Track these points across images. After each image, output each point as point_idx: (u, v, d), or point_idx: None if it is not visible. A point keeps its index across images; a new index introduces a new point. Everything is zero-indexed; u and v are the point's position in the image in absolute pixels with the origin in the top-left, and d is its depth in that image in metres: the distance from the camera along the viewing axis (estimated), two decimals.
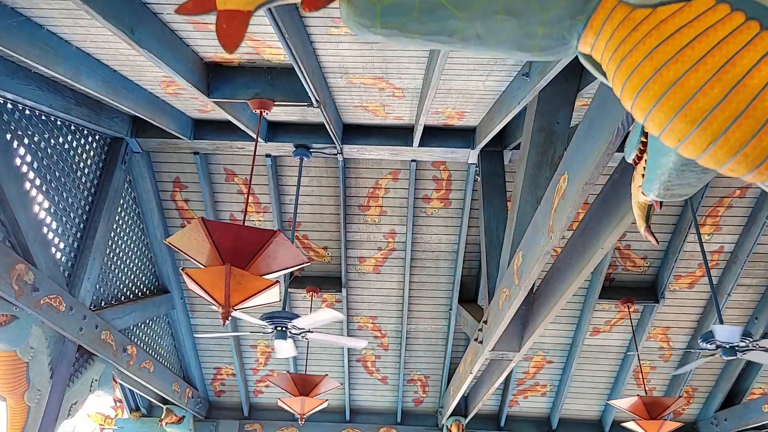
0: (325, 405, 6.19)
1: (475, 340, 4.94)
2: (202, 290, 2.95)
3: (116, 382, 5.62)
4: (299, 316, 4.78)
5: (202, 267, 3.00)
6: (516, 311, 3.87)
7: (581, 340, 7.16)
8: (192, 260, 3.12)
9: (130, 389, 7.76)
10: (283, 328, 4.87)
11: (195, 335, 7.52)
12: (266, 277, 3.07)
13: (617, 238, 2.69)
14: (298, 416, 6.07)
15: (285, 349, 5.33)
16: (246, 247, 3.00)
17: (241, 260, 2.98)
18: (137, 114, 4.65)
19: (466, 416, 7.51)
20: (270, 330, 5.11)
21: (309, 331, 5.02)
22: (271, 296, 3.13)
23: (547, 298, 3.84)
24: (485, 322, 4.52)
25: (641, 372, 6.50)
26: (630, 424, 5.69)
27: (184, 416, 7.47)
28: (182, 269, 2.90)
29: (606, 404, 7.95)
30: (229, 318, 2.98)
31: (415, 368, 7.88)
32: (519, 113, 5.03)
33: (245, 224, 3.30)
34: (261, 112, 4.20)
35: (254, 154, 4.18)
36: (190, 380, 7.77)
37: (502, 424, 8.16)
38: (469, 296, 6.97)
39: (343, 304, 7.01)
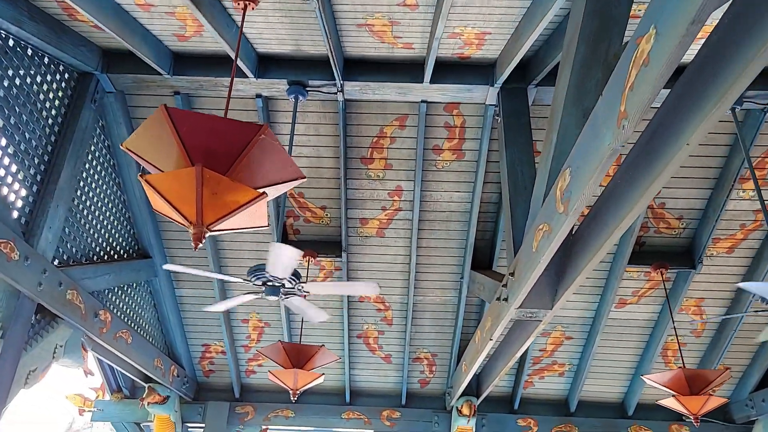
0: (321, 380, 5.52)
1: (498, 299, 4.26)
2: (166, 204, 2.26)
3: (86, 351, 4.94)
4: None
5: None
6: (554, 255, 3.20)
7: (605, 314, 6.49)
8: (154, 170, 2.43)
9: (110, 366, 7.09)
10: (275, 283, 4.18)
11: (180, 308, 6.86)
12: None
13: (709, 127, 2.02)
14: (291, 391, 5.39)
15: (304, 308, 4.71)
16: (223, 146, 2.28)
17: (216, 164, 2.27)
18: (104, 26, 3.95)
19: (478, 396, 6.85)
20: (258, 291, 4.44)
21: (304, 283, 4.34)
22: (258, 217, 2.41)
23: (591, 237, 3.16)
24: (512, 274, 3.84)
25: (678, 343, 5.82)
26: (668, 401, 5.03)
27: (168, 396, 6.81)
28: (140, 175, 2.21)
29: (630, 385, 7.29)
30: (203, 241, 2.30)
31: (421, 345, 7.22)
32: (547, 38, 4.36)
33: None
34: (245, 6, 3.49)
35: (234, 63, 3.48)
36: (176, 358, 7.10)
37: (516, 406, 7.50)
38: (483, 263, 6.30)
39: (343, 272, 6.34)
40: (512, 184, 4.32)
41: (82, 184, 4.92)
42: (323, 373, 5.61)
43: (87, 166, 4.99)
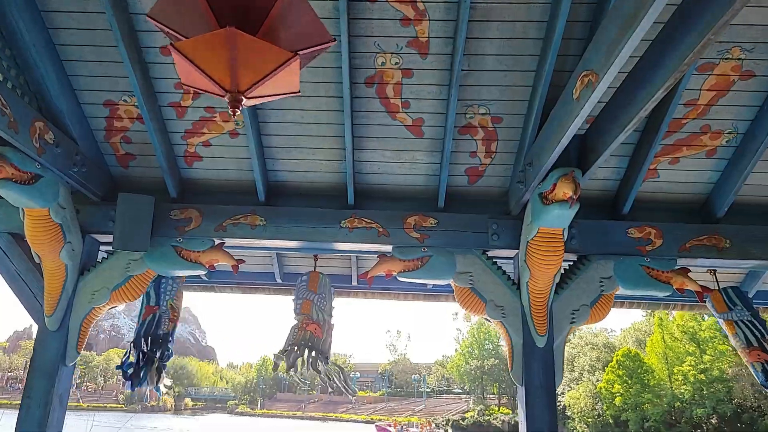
0: (295, 67, 2.48)
1: None
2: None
3: None
4: None
5: None
6: None
7: None
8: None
9: None
10: None
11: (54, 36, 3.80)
12: None
13: None
14: (228, 102, 2.36)
15: None
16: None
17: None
18: None
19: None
20: None
21: None
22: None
23: None
24: None
25: None
26: None
27: (39, 176, 3.91)
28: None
29: None
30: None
31: (477, 98, 4.19)
32: None
33: None
34: None
35: None
36: (55, 119, 4.16)
37: (626, 210, 4.61)
38: None
39: None
40: None
41: None
42: (296, 53, 2.55)
43: None
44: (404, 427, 46.80)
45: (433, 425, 46.78)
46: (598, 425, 49.27)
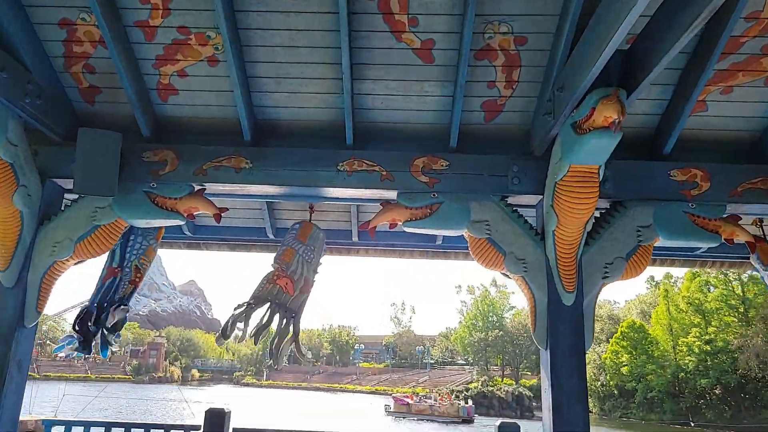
0: None
1: None
2: None
3: None
4: None
5: None
6: None
7: None
8: None
9: None
10: None
11: None
12: None
13: None
14: None
15: None
16: None
17: None
18: None
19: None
20: None
21: None
22: None
23: None
24: None
25: None
26: None
27: None
28: None
29: None
30: None
31: (497, 11, 3.53)
32: None
33: None
34: None
35: None
36: (9, 48, 3.54)
37: (668, 150, 3.99)
38: None
39: None
40: None
41: None
42: None
43: None
44: (422, 398, 46.77)
45: (452, 396, 46.69)
46: (601, 395, 49.40)
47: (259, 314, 3.87)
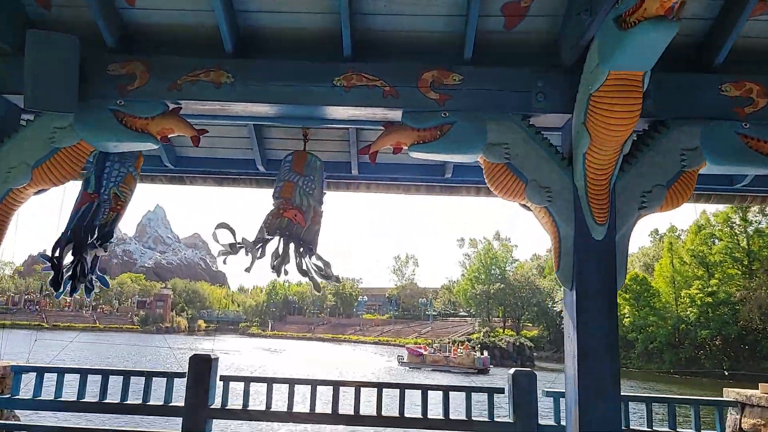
0: None
1: None
2: None
3: None
4: None
5: None
6: None
7: None
8: None
9: None
10: None
11: None
12: None
13: None
14: None
15: None
16: None
17: None
18: None
19: None
20: None
21: None
22: None
23: None
24: None
25: None
26: None
27: None
28: None
29: None
30: None
31: None
32: None
33: None
34: None
35: None
36: None
37: (719, 60, 3.40)
38: None
39: None
40: None
41: None
42: None
43: None
44: (436, 349, 47.14)
45: (470, 347, 46.89)
46: None
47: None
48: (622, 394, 3.15)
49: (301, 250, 3.46)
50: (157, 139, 3.44)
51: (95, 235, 3.57)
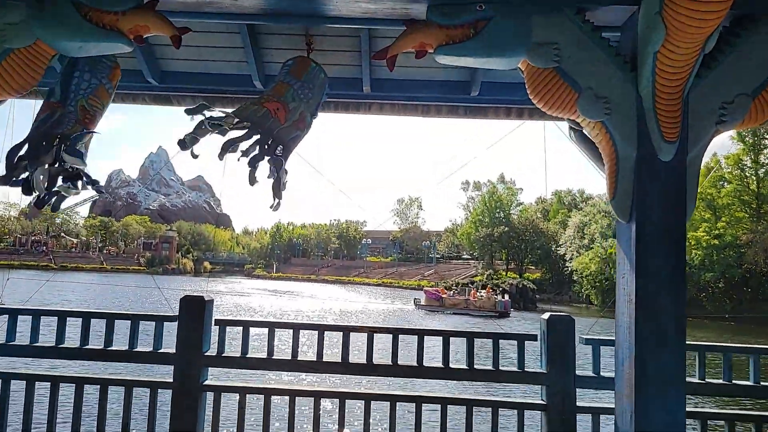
0: None
1: None
2: None
3: None
4: None
5: None
6: None
7: None
8: None
9: None
10: None
11: None
12: None
13: None
14: None
15: None
16: None
17: None
18: None
19: None
20: None
21: None
22: None
23: None
24: None
25: None
26: None
27: None
28: None
29: None
30: None
31: None
32: None
33: None
34: None
35: None
36: None
37: None
38: None
39: None
40: None
41: None
42: None
43: None
44: (455, 292, 46.98)
45: (491, 291, 46.43)
46: (605, 288, 50.37)
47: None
48: None
49: (267, 147, 2.90)
50: (129, 39, 2.82)
51: (56, 144, 3.01)
